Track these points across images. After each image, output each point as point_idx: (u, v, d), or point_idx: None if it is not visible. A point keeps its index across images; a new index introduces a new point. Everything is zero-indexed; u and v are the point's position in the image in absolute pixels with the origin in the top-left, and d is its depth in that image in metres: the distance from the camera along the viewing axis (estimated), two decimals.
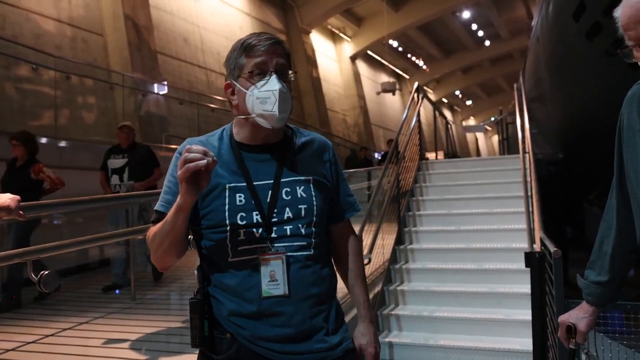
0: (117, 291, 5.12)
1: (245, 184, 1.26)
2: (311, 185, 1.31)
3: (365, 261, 4.01)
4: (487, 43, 25.82)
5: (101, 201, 4.61)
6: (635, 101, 1.26)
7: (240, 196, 1.25)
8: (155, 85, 10.01)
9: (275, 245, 1.24)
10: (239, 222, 1.23)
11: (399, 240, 5.28)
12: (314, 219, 1.28)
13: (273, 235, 1.24)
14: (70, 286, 5.39)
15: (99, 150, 7.53)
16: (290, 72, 1.30)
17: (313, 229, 1.28)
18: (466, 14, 22.35)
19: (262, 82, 1.25)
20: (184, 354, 3.36)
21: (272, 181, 1.27)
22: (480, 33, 24.46)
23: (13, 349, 3.49)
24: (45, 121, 7.84)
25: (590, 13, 4.22)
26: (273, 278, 1.23)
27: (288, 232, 1.25)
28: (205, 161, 1.08)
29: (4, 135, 6.08)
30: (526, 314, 3.72)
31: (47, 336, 3.77)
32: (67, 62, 8.16)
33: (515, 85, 8.64)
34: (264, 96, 1.24)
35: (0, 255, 2.63)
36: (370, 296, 4.43)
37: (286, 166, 1.30)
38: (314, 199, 1.29)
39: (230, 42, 11.18)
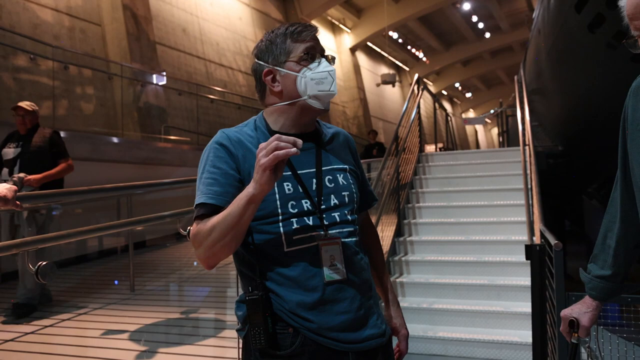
0: (115, 282, 5.12)
1: (290, 172, 1.26)
2: (348, 174, 1.35)
3: None
4: (488, 35, 25.69)
5: (99, 191, 4.59)
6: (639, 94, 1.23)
7: (287, 185, 1.24)
8: (154, 76, 9.96)
9: (330, 231, 1.25)
10: (291, 210, 1.23)
11: (399, 232, 5.27)
12: (354, 206, 1.32)
13: (325, 222, 1.25)
14: (69, 277, 5.39)
15: (97, 141, 7.54)
16: (330, 56, 1.33)
17: (355, 216, 1.32)
18: (466, 6, 22.23)
19: (314, 64, 1.28)
20: (183, 345, 3.37)
21: (314, 170, 1.29)
22: (481, 25, 24.34)
23: (12, 340, 3.50)
24: (44, 111, 7.79)
25: (593, 5, 4.19)
26: (333, 263, 1.23)
27: (337, 219, 1.27)
28: (295, 149, 1.07)
29: (2, 125, 6.06)
30: (525, 307, 3.73)
31: (46, 327, 3.77)
32: (65, 52, 8.11)
33: (515, 78, 8.62)
34: (320, 77, 1.27)
35: None
36: None
37: (324, 155, 1.33)
38: (352, 186, 1.33)
39: (229, 33, 11.12)
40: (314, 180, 1.27)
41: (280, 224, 1.22)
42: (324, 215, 1.25)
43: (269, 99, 1.33)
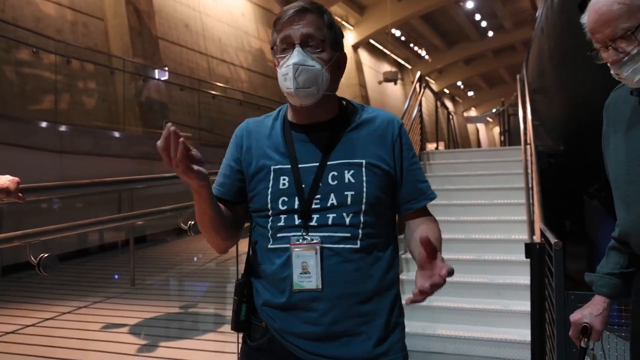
0: (115, 276, 5.13)
1: (290, 166, 1.17)
2: (363, 169, 1.17)
3: None
4: (491, 34, 25.65)
5: (101, 185, 4.60)
6: (609, 109, 1.42)
7: (284, 179, 1.17)
8: (156, 71, 9.96)
9: (311, 234, 1.13)
10: (281, 207, 1.16)
11: (398, 230, 5.27)
12: (363, 207, 1.15)
13: (313, 223, 1.14)
14: (70, 271, 5.41)
15: (99, 136, 7.54)
16: (322, 40, 1.15)
17: (362, 218, 1.15)
18: (470, 4, 22.18)
19: (285, 58, 1.15)
20: (183, 340, 3.38)
21: (317, 164, 1.17)
22: (484, 23, 24.30)
23: (13, 332, 3.51)
24: (46, 105, 7.81)
25: None
26: (305, 270, 1.13)
27: (330, 221, 1.14)
28: (159, 144, 0.98)
29: (4, 119, 6.07)
30: (524, 305, 3.73)
31: (46, 319, 3.79)
32: (68, 46, 8.11)
33: (518, 77, 8.60)
34: (284, 72, 1.14)
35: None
36: None
37: (336, 148, 1.18)
38: (364, 185, 1.15)
39: (231, 29, 11.13)
40: (313, 177, 1.16)
41: (270, 219, 1.18)
42: (317, 216, 1.14)
43: None
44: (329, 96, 1.19)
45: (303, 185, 1.16)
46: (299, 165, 1.17)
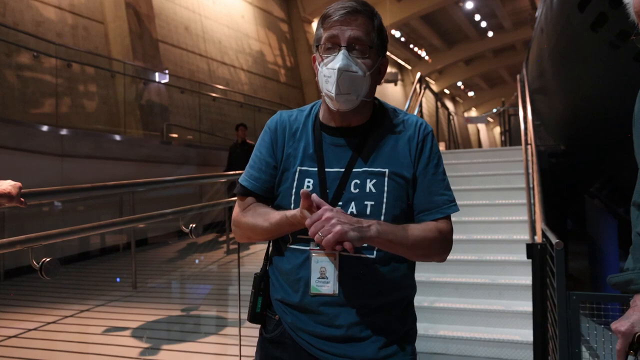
0: (117, 279, 5.13)
1: (316, 169, 1.17)
2: (386, 179, 1.15)
3: None
4: (490, 34, 25.65)
5: (103, 189, 4.60)
6: None
7: (309, 181, 1.17)
8: (157, 74, 9.97)
9: None
10: None
11: None
12: (382, 218, 1.13)
13: None
14: (72, 274, 5.41)
15: (100, 139, 7.55)
16: (370, 46, 1.13)
17: None
18: (469, 4, 22.18)
19: (329, 58, 1.13)
20: (185, 342, 3.38)
21: (343, 170, 1.16)
22: (484, 24, 24.31)
23: (15, 336, 3.51)
24: (47, 109, 7.82)
25: (595, 4, 4.18)
26: (323, 275, 1.14)
27: None
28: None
29: (5, 122, 6.08)
30: (526, 306, 3.73)
31: (48, 323, 3.79)
32: (68, 49, 8.13)
33: (518, 77, 8.61)
34: (327, 74, 1.12)
35: (1, 242, 2.63)
36: None
37: (363, 154, 1.16)
38: (385, 195, 1.14)
39: (231, 31, 11.14)
40: (338, 183, 1.15)
41: None
42: None
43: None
44: (365, 101, 1.18)
45: (327, 190, 1.16)
46: (325, 169, 1.17)
